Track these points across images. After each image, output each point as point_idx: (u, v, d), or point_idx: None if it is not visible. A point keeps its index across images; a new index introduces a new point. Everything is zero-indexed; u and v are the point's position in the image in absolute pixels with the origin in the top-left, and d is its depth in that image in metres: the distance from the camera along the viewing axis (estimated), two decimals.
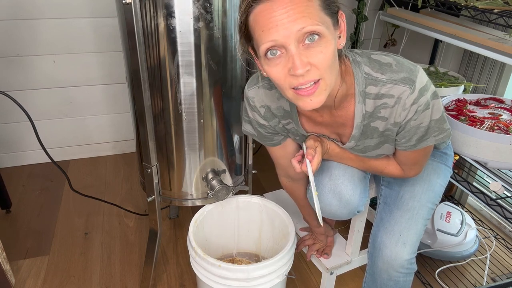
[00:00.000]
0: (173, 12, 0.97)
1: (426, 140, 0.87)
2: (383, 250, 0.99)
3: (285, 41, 0.69)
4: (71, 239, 1.56)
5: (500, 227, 1.66)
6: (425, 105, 0.81)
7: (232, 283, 1.04)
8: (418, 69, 0.82)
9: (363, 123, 0.89)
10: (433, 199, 1.05)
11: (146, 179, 1.18)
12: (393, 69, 0.81)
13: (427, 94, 0.80)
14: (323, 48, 0.71)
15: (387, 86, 0.81)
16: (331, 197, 1.00)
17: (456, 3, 1.31)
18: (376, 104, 0.85)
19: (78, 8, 1.74)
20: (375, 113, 0.86)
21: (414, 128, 0.85)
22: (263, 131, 1.02)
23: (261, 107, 0.97)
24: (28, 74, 1.81)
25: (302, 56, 0.70)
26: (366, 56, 0.85)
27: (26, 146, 1.97)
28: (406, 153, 0.93)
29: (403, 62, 0.83)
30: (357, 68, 0.83)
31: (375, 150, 0.95)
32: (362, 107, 0.86)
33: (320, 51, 0.70)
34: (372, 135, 0.91)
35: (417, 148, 0.89)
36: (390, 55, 0.85)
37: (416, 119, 0.83)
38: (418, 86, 0.80)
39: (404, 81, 0.80)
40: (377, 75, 0.82)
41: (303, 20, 0.68)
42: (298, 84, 0.72)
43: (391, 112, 0.84)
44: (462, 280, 1.42)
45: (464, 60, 1.75)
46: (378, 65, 0.83)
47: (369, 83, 0.83)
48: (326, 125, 0.95)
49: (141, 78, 1.01)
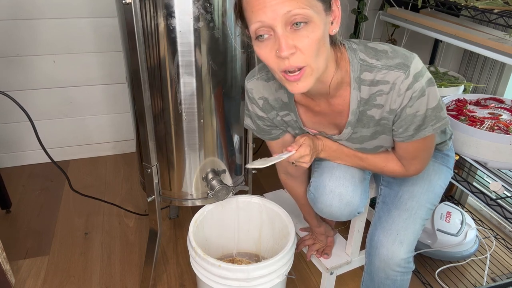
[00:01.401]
0: (173, 12, 0.97)
1: (424, 129, 0.87)
2: (380, 249, 0.99)
3: (272, 23, 0.70)
4: (71, 239, 1.56)
5: (500, 227, 1.66)
6: (420, 92, 0.81)
7: (232, 283, 1.04)
8: (414, 56, 0.82)
9: (359, 110, 0.89)
10: (432, 200, 1.05)
11: (146, 179, 1.18)
12: (388, 55, 0.82)
13: (422, 80, 0.81)
14: (310, 32, 0.72)
15: (382, 72, 0.82)
16: (331, 198, 1.00)
17: (456, 3, 1.31)
18: (372, 91, 0.85)
19: (78, 8, 1.74)
20: (370, 100, 0.86)
21: (411, 116, 0.84)
22: (261, 123, 1.02)
23: (259, 98, 0.97)
24: (28, 74, 1.81)
25: (288, 38, 0.71)
26: (363, 44, 0.86)
27: (26, 146, 1.97)
28: (405, 145, 0.92)
29: (399, 49, 0.83)
30: (352, 55, 0.84)
31: (371, 140, 0.95)
32: (357, 94, 0.86)
33: (306, 35, 0.72)
34: (368, 124, 0.91)
35: (415, 138, 0.89)
36: (386, 43, 0.86)
37: (411, 106, 0.83)
38: (412, 71, 0.80)
39: (399, 67, 0.80)
40: (372, 61, 0.83)
41: (290, 3, 0.69)
42: (285, 67, 0.74)
43: (387, 99, 0.84)
44: (462, 280, 1.42)
45: (464, 60, 1.75)
46: (373, 52, 0.83)
47: (364, 69, 0.84)
48: (324, 115, 0.95)
49: (141, 78, 1.01)
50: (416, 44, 2.00)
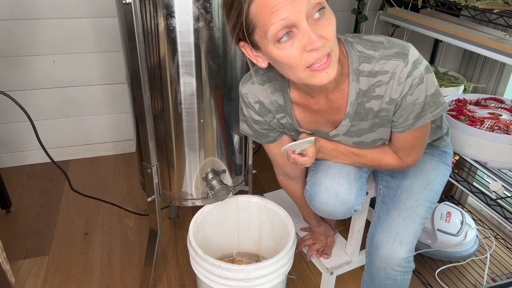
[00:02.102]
0: (173, 12, 0.97)
1: (424, 117, 0.87)
2: (380, 249, 0.99)
3: (297, 17, 0.70)
4: (71, 239, 1.56)
5: (500, 227, 1.66)
6: (419, 78, 0.82)
7: (232, 283, 1.04)
8: (409, 45, 0.83)
9: (357, 101, 0.89)
10: (431, 198, 1.05)
11: (146, 179, 1.18)
12: (384, 45, 0.83)
13: (420, 67, 0.82)
14: (329, 20, 0.73)
15: (380, 62, 0.83)
16: (326, 196, 1.00)
17: (456, 3, 1.31)
18: (370, 82, 0.85)
19: (78, 8, 1.74)
20: (369, 92, 0.87)
21: (411, 104, 0.85)
22: (258, 128, 1.02)
23: (255, 102, 0.97)
24: (28, 74, 1.81)
25: (315, 29, 0.72)
26: (357, 37, 0.87)
27: (26, 146, 1.97)
28: (404, 135, 0.92)
29: (394, 39, 0.85)
30: (349, 47, 0.84)
31: (370, 133, 0.95)
32: (356, 85, 0.86)
33: (328, 23, 0.73)
34: (367, 116, 0.91)
35: (415, 127, 0.89)
36: (381, 35, 0.87)
37: (412, 94, 0.83)
38: (411, 58, 0.81)
39: (397, 55, 0.81)
40: (370, 52, 0.83)
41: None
42: (316, 59, 0.73)
43: (386, 89, 0.85)
44: (462, 280, 1.42)
45: (464, 60, 1.75)
46: (370, 43, 0.84)
47: (363, 61, 0.84)
48: (321, 113, 0.95)
49: (141, 78, 1.01)
50: (416, 44, 1.98)
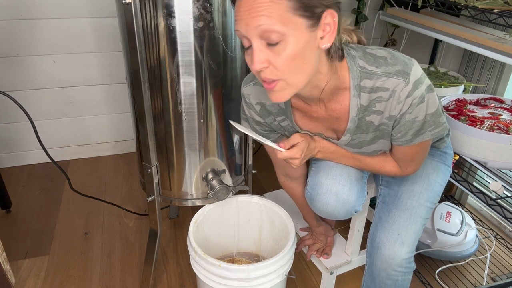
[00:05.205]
0: (173, 12, 0.97)
1: (422, 134, 0.87)
2: (381, 249, 0.99)
3: (247, 35, 0.72)
4: (71, 239, 1.56)
5: (500, 227, 1.66)
6: (419, 98, 0.81)
7: (232, 283, 1.04)
8: (413, 62, 0.82)
9: (358, 117, 0.89)
10: (432, 199, 1.05)
11: (146, 179, 1.18)
12: (387, 62, 0.82)
13: (421, 87, 0.81)
14: (283, 50, 0.72)
15: (381, 79, 0.82)
16: (327, 196, 1.00)
17: (456, 3, 1.31)
18: (371, 97, 0.85)
19: (78, 8, 1.74)
20: (370, 106, 0.86)
21: (410, 122, 0.85)
22: (259, 128, 1.03)
23: (256, 104, 0.98)
24: (28, 74, 1.81)
25: (262, 53, 0.72)
26: (361, 50, 0.85)
27: (26, 146, 1.97)
28: (403, 149, 0.93)
29: (398, 55, 0.83)
30: (352, 62, 0.84)
31: (370, 145, 0.95)
32: (357, 101, 0.86)
33: (279, 53, 0.72)
34: (368, 129, 0.91)
35: (414, 143, 0.89)
36: (385, 49, 0.85)
37: (411, 113, 0.83)
38: (412, 78, 0.80)
39: (399, 74, 0.80)
40: (372, 68, 0.83)
41: (260, 19, 0.69)
42: (259, 78, 0.76)
43: (386, 106, 0.84)
44: (462, 280, 1.42)
45: (464, 60, 1.75)
46: (373, 59, 0.83)
47: (364, 77, 0.83)
48: (321, 121, 0.95)
49: (141, 78, 1.01)
50: (416, 44, 2.00)
